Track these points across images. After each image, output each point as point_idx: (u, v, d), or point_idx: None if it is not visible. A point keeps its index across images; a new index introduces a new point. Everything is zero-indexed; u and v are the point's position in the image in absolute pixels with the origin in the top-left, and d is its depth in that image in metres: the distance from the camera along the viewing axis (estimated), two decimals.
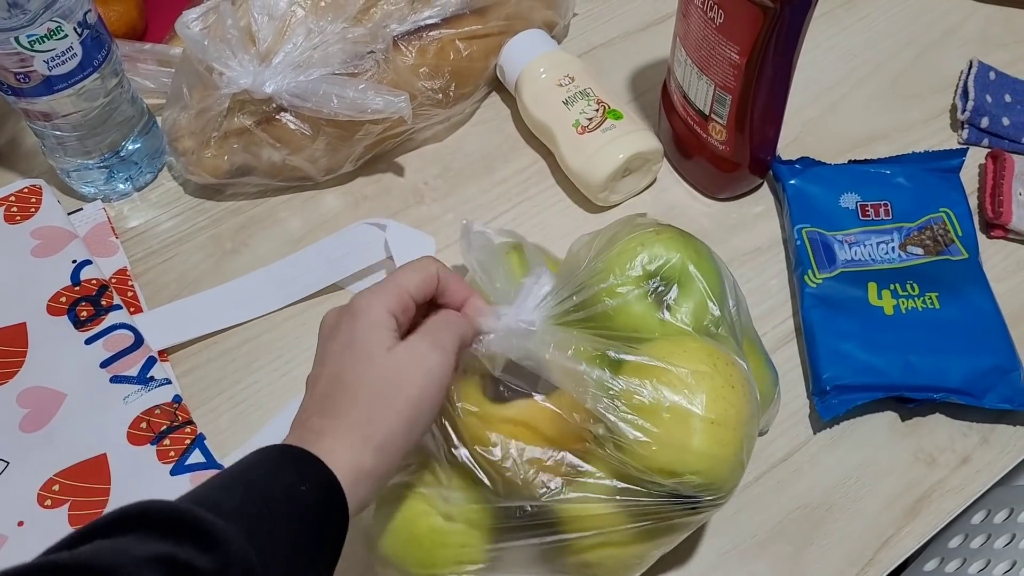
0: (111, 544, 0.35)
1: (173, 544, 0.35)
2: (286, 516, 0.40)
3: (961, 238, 0.68)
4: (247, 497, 0.40)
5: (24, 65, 0.62)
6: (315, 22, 0.69)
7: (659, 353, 0.50)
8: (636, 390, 0.48)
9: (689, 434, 0.47)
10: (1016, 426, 0.63)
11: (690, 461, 0.47)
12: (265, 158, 0.71)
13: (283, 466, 0.42)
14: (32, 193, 0.70)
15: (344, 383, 0.45)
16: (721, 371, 0.49)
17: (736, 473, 0.49)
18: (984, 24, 0.84)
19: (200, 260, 0.71)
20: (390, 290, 0.47)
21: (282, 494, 0.40)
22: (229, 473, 0.42)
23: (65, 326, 0.64)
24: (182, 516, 0.36)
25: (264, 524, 0.39)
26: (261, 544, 0.38)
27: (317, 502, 0.41)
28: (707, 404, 0.48)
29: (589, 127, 0.70)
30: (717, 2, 0.61)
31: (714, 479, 0.48)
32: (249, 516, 0.39)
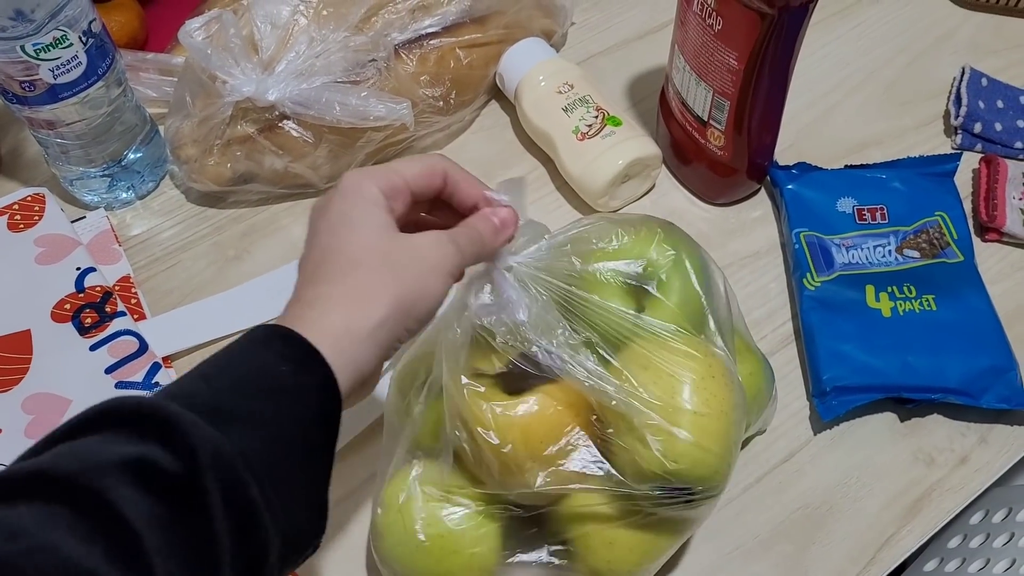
0: (73, 447, 0.33)
1: (138, 443, 0.34)
2: (265, 400, 0.38)
3: (957, 241, 0.69)
4: (224, 385, 0.38)
5: (29, 73, 0.63)
6: (317, 31, 0.69)
7: (639, 348, 0.50)
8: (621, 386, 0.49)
9: (674, 426, 0.48)
10: (1014, 426, 0.64)
11: (677, 453, 0.48)
12: (268, 165, 0.71)
13: (265, 347, 0.39)
14: (35, 201, 0.71)
15: (340, 252, 0.42)
16: (701, 361, 0.50)
17: (725, 462, 0.50)
18: (975, 32, 0.85)
19: (203, 267, 0.72)
20: (381, 171, 0.45)
21: (262, 377, 0.38)
22: (210, 361, 0.39)
23: (70, 332, 0.64)
24: (149, 413, 0.34)
25: (239, 412, 0.37)
26: (238, 433, 0.36)
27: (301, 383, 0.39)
28: (690, 395, 0.49)
29: (589, 133, 0.71)
30: (716, 9, 0.62)
31: (704, 470, 0.49)
32: (224, 405, 0.37)
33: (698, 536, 0.60)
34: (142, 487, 0.32)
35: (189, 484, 0.33)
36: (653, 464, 0.48)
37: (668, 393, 0.48)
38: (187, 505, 0.33)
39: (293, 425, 0.38)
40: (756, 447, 0.63)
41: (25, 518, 0.31)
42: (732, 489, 0.62)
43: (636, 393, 0.48)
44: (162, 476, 0.33)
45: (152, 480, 0.33)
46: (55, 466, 0.32)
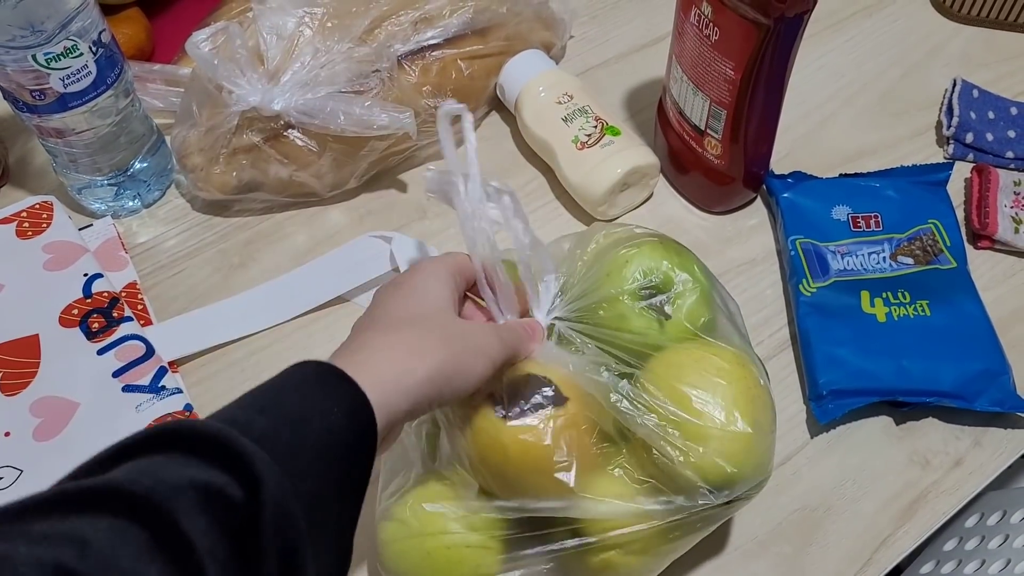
0: (142, 466, 0.34)
1: (206, 468, 0.34)
2: (316, 440, 0.38)
3: (949, 248, 0.70)
4: (280, 421, 0.38)
5: (40, 82, 0.64)
6: (322, 42, 0.71)
7: (673, 363, 0.51)
8: (663, 406, 0.50)
9: (728, 441, 0.49)
10: (1007, 429, 0.65)
11: (732, 468, 0.49)
12: (273, 174, 0.72)
13: (319, 386, 0.40)
14: (43, 209, 0.72)
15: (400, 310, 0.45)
16: (737, 367, 0.51)
17: (770, 462, 0.52)
18: (966, 45, 0.87)
19: (208, 274, 0.73)
20: (448, 257, 0.48)
21: (314, 417, 0.39)
22: (261, 392, 0.40)
23: (78, 337, 0.65)
24: (216, 438, 0.35)
25: (294, 449, 0.37)
26: (292, 469, 0.36)
27: (348, 427, 0.39)
28: (739, 408, 0.50)
29: (588, 143, 0.72)
30: (712, 20, 0.63)
31: (757, 470, 0.51)
32: (280, 440, 0.37)
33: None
34: (209, 513, 0.33)
35: (250, 516, 0.34)
36: (712, 473, 0.49)
37: (717, 402, 0.50)
38: (245, 537, 0.34)
39: (339, 470, 0.39)
40: None
41: (99, 532, 0.31)
42: None
43: (684, 410, 0.50)
44: (227, 505, 0.34)
45: (217, 507, 0.33)
46: (129, 483, 0.33)
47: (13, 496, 0.58)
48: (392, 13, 0.74)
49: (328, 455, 0.38)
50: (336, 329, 0.69)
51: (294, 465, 0.37)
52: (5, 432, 0.61)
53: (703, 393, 0.50)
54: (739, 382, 0.50)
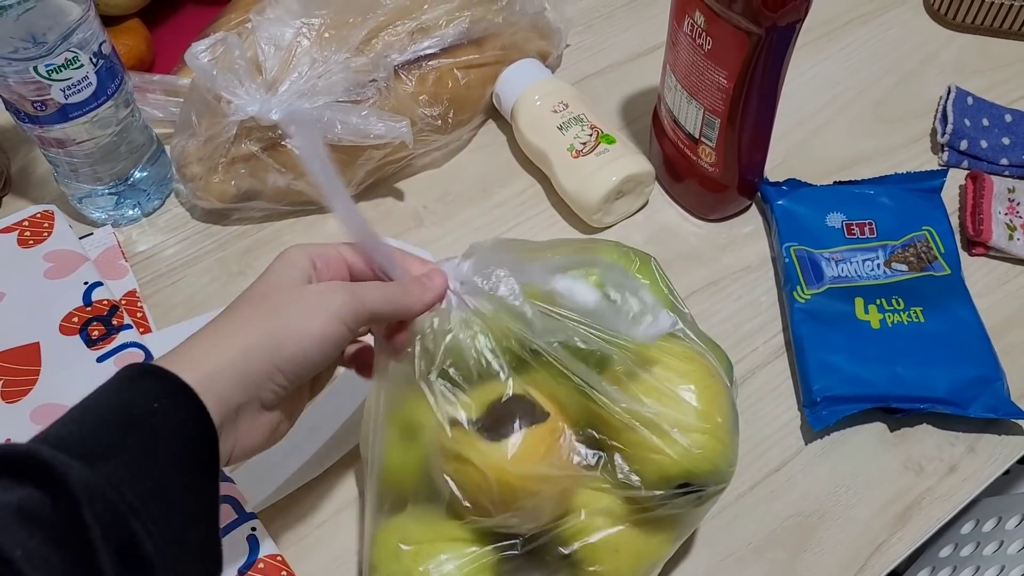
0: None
1: (17, 488, 0.35)
2: (133, 435, 0.38)
3: (944, 255, 0.71)
4: (93, 424, 0.39)
5: (41, 93, 0.65)
6: (319, 52, 0.71)
7: (643, 359, 0.52)
8: (636, 404, 0.50)
9: (691, 430, 0.50)
10: (1002, 435, 0.65)
11: (697, 461, 0.50)
12: (271, 183, 0.73)
13: (132, 383, 0.40)
14: (44, 218, 0.73)
15: (233, 304, 0.45)
16: (696, 364, 0.52)
17: (735, 453, 0.52)
18: (960, 53, 0.87)
19: (207, 283, 0.73)
20: (317, 244, 0.48)
21: (129, 414, 0.39)
22: (80, 404, 0.40)
23: (77, 345, 0.66)
24: (24, 458, 0.35)
25: (110, 449, 0.37)
26: (110, 470, 0.37)
27: (167, 414, 0.39)
28: (697, 397, 0.51)
29: (583, 151, 0.73)
30: (705, 29, 0.64)
31: (721, 464, 0.51)
32: (94, 444, 0.37)
33: (693, 543, 0.61)
34: (29, 529, 0.34)
35: (69, 523, 0.34)
36: (674, 468, 0.49)
37: (676, 399, 0.50)
38: (71, 544, 0.34)
39: (166, 456, 0.39)
40: (748, 457, 0.64)
41: None
42: (726, 497, 0.63)
43: (647, 405, 0.50)
44: (44, 518, 0.34)
45: (36, 522, 0.34)
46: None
47: None
48: (389, 23, 0.74)
49: (149, 445, 0.38)
50: None
51: (110, 463, 0.37)
52: (6, 439, 0.62)
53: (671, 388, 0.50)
54: (701, 380, 0.51)
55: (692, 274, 0.73)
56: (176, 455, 0.39)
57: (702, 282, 0.73)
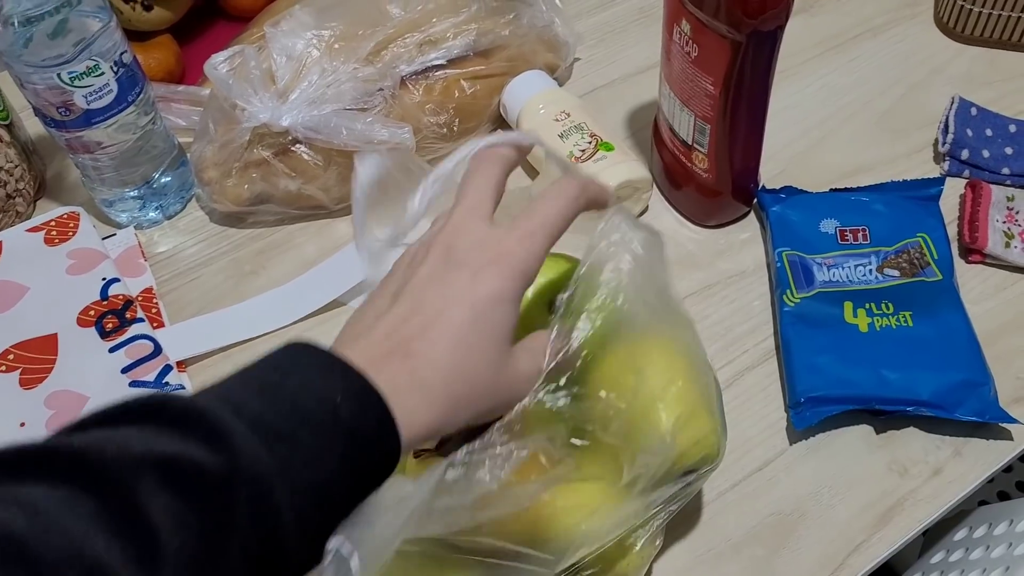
0: (112, 436, 0.33)
1: (179, 441, 0.33)
2: (316, 434, 0.36)
3: (937, 261, 0.71)
4: (276, 403, 0.36)
5: (65, 99, 0.69)
6: (329, 62, 0.75)
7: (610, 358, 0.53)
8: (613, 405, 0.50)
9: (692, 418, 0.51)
10: (989, 440, 0.65)
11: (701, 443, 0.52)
12: (282, 187, 0.76)
13: (324, 375, 0.38)
14: (71, 219, 0.77)
15: (442, 360, 0.41)
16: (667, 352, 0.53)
17: (723, 432, 0.54)
18: (970, 65, 0.87)
19: (221, 281, 0.77)
20: (523, 267, 0.44)
21: (317, 407, 0.37)
22: (258, 371, 0.38)
23: (92, 336, 0.70)
24: (196, 413, 0.34)
25: (290, 439, 0.35)
26: (280, 457, 0.35)
27: (362, 428, 0.37)
28: (681, 384, 0.52)
29: (582, 158, 0.75)
30: (691, 37, 0.66)
31: (716, 446, 0.53)
32: (274, 426, 0.35)
33: (671, 538, 0.62)
34: (172, 488, 0.32)
35: (222, 493, 0.33)
36: (684, 458, 0.51)
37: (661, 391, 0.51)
38: (214, 513, 0.33)
39: (342, 468, 0.37)
40: (732, 456, 0.65)
41: (51, 500, 0.31)
42: (707, 494, 0.64)
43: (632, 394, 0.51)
44: (196, 479, 0.33)
45: (183, 482, 0.33)
46: (92, 451, 0.32)
47: None
48: (398, 35, 0.77)
49: (328, 451, 0.37)
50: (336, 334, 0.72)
51: (281, 448, 0.35)
52: (21, 423, 0.66)
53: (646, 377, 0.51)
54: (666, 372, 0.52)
55: (687, 278, 0.74)
56: (351, 470, 0.38)
57: (697, 286, 0.74)
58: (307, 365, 0.39)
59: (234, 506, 0.33)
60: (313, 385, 0.38)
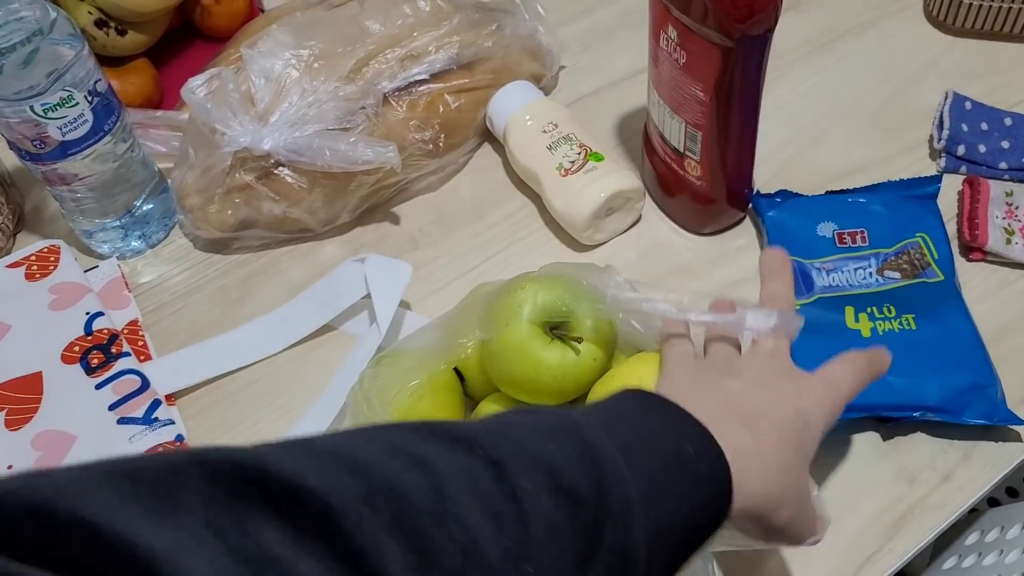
0: (512, 432, 0.35)
1: (564, 455, 0.35)
2: (670, 469, 0.38)
3: (937, 261, 0.70)
4: (636, 433, 0.39)
5: (39, 131, 0.67)
6: (309, 82, 0.73)
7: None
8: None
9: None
10: (998, 442, 0.64)
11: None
12: (266, 211, 0.75)
13: (670, 418, 0.41)
14: (51, 252, 0.75)
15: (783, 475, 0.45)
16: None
17: None
18: (962, 57, 0.86)
19: (208, 310, 0.75)
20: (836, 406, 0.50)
21: (670, 445, 0.39)
22: (608, 406, 0.41)
23: (78, 373, 0.68)
24: (582, 435, 0.36)
25: (646, 466, 0.38)
26: (642, 484, 0.37)
27: (706, 473, 0.39)
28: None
29: (572, 169, 0.74)
30: (679, 43, 0.64)
31: None
32: (636, 452, 0.38)
33: None
34: (554, 496, 0.34)
35: (593, 514, 0.35)
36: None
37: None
38: (583, 530, 0.34)
39: (684, 508, 0.39)
40: None
41: (452, 467, 0.33)
42: None
43: None
44: (572, 491, 0.35)
45: (561, 491, 0.34)
46: (486, 441, 0.34)
47: None
48: (378, 52, 0.76)
49: (684, 509, 0.39)
50: (327, 359, 0.71)
51: (648, 479, 0.37)
52: (8, 465, 0.64)
53: None
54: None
55: (683, 288, 0.73)
56: (689, 510, 0.39)
57: None
58: (655, 406, 0.42)
59: (601, 527, 0.35)
60: (666, 425, 0.41)
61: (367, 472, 0.31)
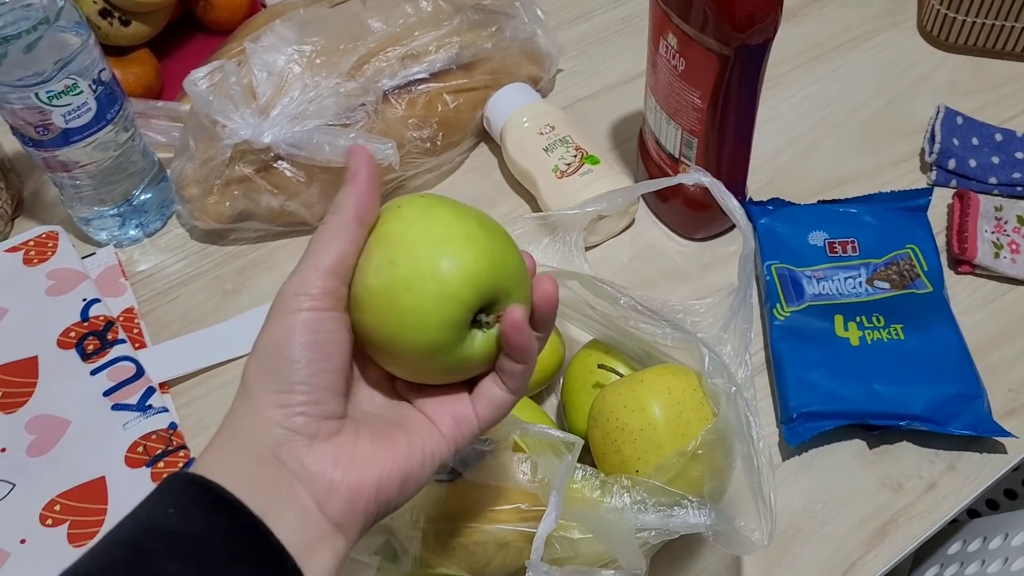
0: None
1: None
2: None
3: (927, 272, 0.71)
4: (127, 553, 0.34)
5: (43, 118, 0.68)
6: (311, 77, 0.74)
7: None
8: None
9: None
10: (983, 453, 0.65)
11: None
12: (264, 204, 0.75)
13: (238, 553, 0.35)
14: (49, 238, 0.76)
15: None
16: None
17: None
18: (954, 73, 0.87)
19: (202, 300, 0.76)
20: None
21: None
22: (147, 524, 0.35)
23: (73, 359, 0.68)
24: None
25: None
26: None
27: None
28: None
29: (567, 172, 0.74)
30: (678, 51, 0.65)
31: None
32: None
33: (665, 557, 0.61)
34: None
35: None
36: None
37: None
38: None
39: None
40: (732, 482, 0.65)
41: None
42: None
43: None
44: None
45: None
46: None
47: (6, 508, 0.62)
48: (380, 50, 0.77)
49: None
50: None
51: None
52: (2, 448, 0.65)
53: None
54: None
55: (674, 292, 0.74)
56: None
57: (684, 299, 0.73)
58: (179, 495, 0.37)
59: None
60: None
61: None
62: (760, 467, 0.53)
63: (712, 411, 0.55)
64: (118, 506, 0.62)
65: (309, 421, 0.38)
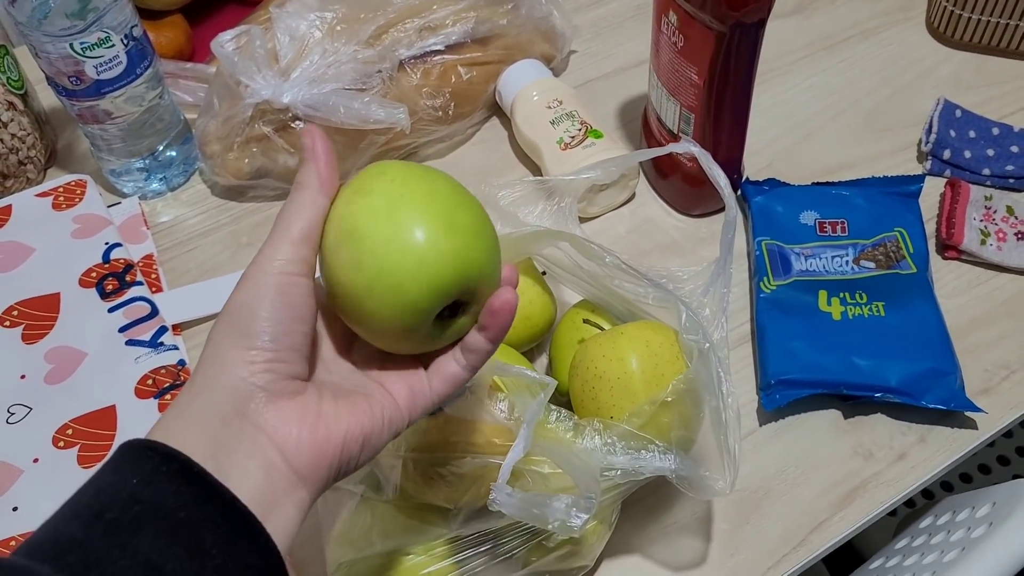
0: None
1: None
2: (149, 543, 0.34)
3: (912, 255, 0.73)
4: (92, 524, 0.34)
5: (76, 68, 0.72)
6: (331, 43, 0.78)
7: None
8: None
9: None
10: (954, 428, 0.67)
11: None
12: (281, 162, 0.79)
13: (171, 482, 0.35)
14: (78, 185, 0.80)
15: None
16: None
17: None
18: (958, 69, 0.89)
19: (219, 252, 0.80)
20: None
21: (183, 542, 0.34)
22: (102, 492, 0.35)
23: (93, 296, 0.72)
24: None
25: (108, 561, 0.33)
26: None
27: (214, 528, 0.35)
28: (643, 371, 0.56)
29: (571, 144, 0.77)
30: (678, 28, 0.68)
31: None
32: (92, 551, 0.33)
33: (639, 509, 0.64)
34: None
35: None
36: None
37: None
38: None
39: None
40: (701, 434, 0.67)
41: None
42: None
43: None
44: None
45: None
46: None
47: (22, 430, 0.65)
48: (398, 20, 0.80)
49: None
50: None
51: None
52: (21, 375, 0.69)
53: None
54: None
55: (668, 264, 0.76)
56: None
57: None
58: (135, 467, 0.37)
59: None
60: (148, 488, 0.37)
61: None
62: (727, 420, 0.55)
63: (687, 365, 0.58)
64: (126, 433, 0.66)
65: (275, 378, 0.39)
